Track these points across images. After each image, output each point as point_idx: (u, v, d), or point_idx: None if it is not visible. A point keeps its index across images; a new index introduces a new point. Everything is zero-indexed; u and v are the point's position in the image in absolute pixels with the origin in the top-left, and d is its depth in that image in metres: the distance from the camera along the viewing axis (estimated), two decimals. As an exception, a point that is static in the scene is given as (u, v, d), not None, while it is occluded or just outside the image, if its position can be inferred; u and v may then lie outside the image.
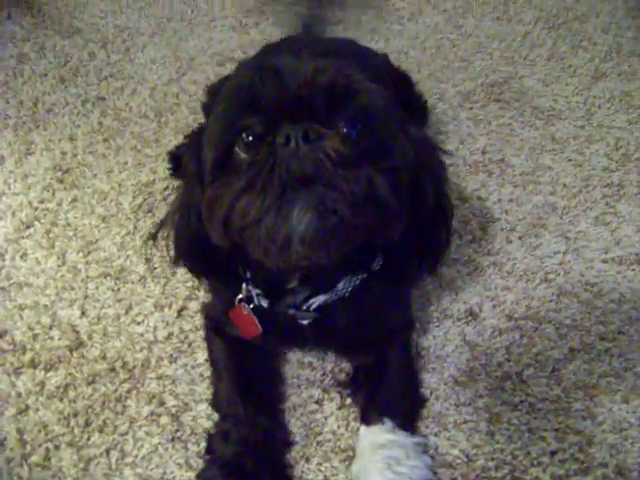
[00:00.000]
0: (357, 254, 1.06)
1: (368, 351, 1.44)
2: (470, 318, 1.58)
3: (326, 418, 1.43)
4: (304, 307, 1.21)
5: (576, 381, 1.47)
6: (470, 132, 2.05)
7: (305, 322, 1.24)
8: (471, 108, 2.14)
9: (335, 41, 1.87)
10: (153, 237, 1.19)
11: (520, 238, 1.75)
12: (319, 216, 0.84)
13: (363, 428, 1.36)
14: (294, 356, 1.52)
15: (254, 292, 1.22)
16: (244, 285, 1.23)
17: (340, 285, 1.18)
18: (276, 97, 0.91)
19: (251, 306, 1.24)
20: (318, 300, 1.20)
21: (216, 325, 1.44)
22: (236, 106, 0.94)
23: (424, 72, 2.29)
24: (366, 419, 1.36)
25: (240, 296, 1.25)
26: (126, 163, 1.95)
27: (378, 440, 1.31)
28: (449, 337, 1.55)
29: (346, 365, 1.49)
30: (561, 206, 1.83)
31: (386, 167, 0.93)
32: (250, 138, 0.92)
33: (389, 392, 1.39)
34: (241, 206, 0.88)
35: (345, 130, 0.93)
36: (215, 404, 1.41)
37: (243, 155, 0.93)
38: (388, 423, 1.32)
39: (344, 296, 1.20)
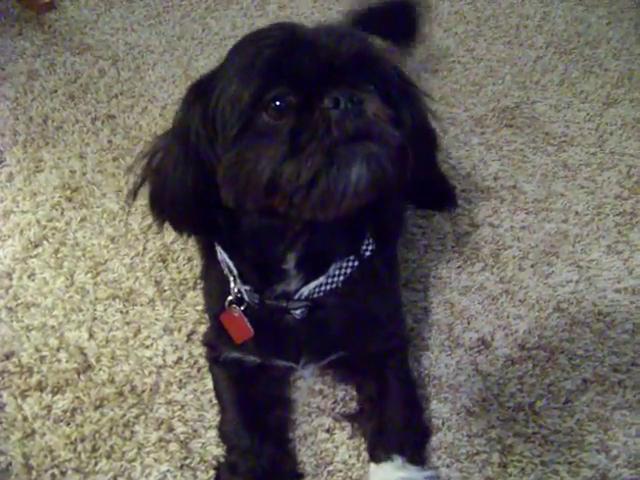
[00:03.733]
0: (349, 230, 1.15)
1: (365, 366, 1.43)
2: (482, 347, 1.56)
3: (337, 447, 1.40)
4: (296, 296, 1.19)
5: (589, 413, 1.45)
6: (482, 157, 2.04)
7: (298, 313, 1.22)
8: (483, 133, 2.13)
9: None
10: (133, 194, 1.16)
11: (532, 266, 1.74)
12: (371, 167, 0.91)
13: (373, 465, 1.34)
14: (304, 383, 1.50)
15: (243, 289, 1.21)
16: (232, 284, 1.22)
17: (332, 270, 1.18)
18: (310, 67, 0.94)
19: (242, 308, 1.23)
20: (310, 287, 1.18)
21: (216, 352, 1.42)
22: (264, 73, 0.95)
23: (435, 95, 2.28)
24: (374, 456, 1.35)
25: (230, 298, 1.23)
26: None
27: (389, 478, 1.30)
28: (461, 366, 1.53)
29: (355, 394, 1.47)
30: (573, 234, 1.82)
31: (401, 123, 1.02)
32: (279, 104, 0.94)
33: (394, 426, 1.37)
34: (292, 168, 0.90)
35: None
36: (222, 435, 1.39)
37: (272, 121, 0.94)
38: (397, 459, 1.31)
39: (336, 287, 1.20)
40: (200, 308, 1.60)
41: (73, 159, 2.05)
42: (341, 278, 1.20)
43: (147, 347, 1.57)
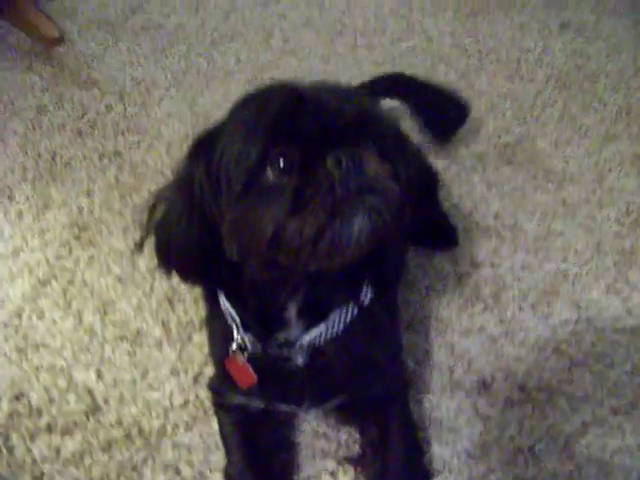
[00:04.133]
0: (348, 278, 1.18)
1: (367, 410, 1.47)
2: (482, 389, 1.60)
3: (340, 491, 1.43)
4: (297, 344, 1.22)
5: (589, 456, 1.48)
6: (483, 195, 2.07)
7: (300, 360, 1.25)
8: (484, 170, 2.17)
9: None
10: (140, 246, 1.19)
11: (532, 306, 1.77)
12: (372, 219, 0.96)
13: None
14: (308, 426, 1.53)
15: (246, 337, 1.24)
16: (235, 333, 1.25)
17: (332, 318, 1.21)
18: (313, 127, 0.98)
19: (245, 355, 1.26)
20: (311, 335, 1.22)
21: (221, 397, 1.46)
22: (268, 132, 0.98)
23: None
24: None
25: (233, 346, 1.27)
26: (142, 221, 1.97)
27: None
28: (462, 409, 1.57)
29: (359, 438, 1.50)
30: (572, 273, 1.85)
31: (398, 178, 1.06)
32: (283, 163, 0.97)
33: (396, 470, 1.40)
34: (296, 225, 0.94)
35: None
36: (227, 478, 1.42)
37: (276, 178, 0.97)
38: None
39: (337, 335, 1.23)
40: (206, 350, 1.62)
41: (81, 196, 2.08)
42: (341, 326, 1.23)
43: (154, 389, 1.60)
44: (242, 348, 1.26)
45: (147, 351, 1.67)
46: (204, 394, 1.57)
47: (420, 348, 1.68)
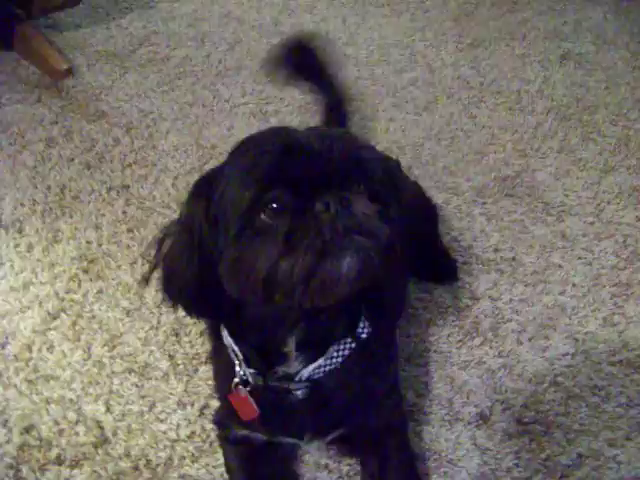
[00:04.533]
0: (345, 313, 1.24)
1: (367, 442, 1.50)
2: (481, 422, 1.63)
3: (342, 523, 1.46)
4: (297, 378, 1.26)
5: (585, 489, 1.51)
6: (483, 229, 2.11)
7: (300, 393, 1.29)
8: (484, 203, 2.21)
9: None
10: (146, 280, 1.25)
11: (530, 340, 1.81)
12: (361, 258, 1.00)
13: None
14: (311, 458, 1.57)
15: (248, 372, 1.28)
16: (237, 368, 1.30)
17: (331, 350, 1.25)
18: (304, 172, 1.03)
19: (248, 389, 1.30)
20: (309, 369, 1.25)
21: (225, 430, 1.50)
22: (262, 178, 1.03)
23: (439, 165, 2.37)
24: None
25: (236, 380, 1.31)
26: (150, 255, 2.01)
27: None
28: (460, 441, 1.60)
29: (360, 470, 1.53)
30: (570, 306, 1.89)
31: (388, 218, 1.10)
32: (276, 206, 1.02)
33: None
34: (287, 265, 0.99)
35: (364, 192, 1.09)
36: None
37: (269, 221, 1.03)
38: None
39: (335, 368, 1.27)
40: (212, 383, 1.66)
41: (89, 230, 2.12)
42: (339, 360, 1.27)
43: (161, 421, 1.64)
44: (244, 382, 1.30)
45: (154, 384, 1.71)
46: (210, 426, 1.61)
47: (420, 381, 1.72)
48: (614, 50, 3.04)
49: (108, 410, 1.66)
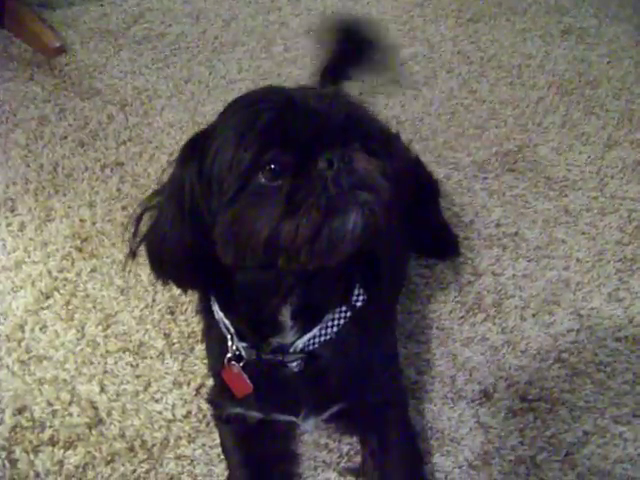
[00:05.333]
0: (340, 280, 1.20)
1: (366, 419, 1.46)
2: (484, 399, 1.59)
3: (342, 502, 1.43)
4: (291, 349, 1.23)
5: (590, 466, 1.48)
6: (484, 204, 2.07)
7: (295, 365, 1.25)
8: (485, 178, 2.17)
9: None
10: (132, 254, 1.20)
11: (534, 315, 1.77)
12: (365, 213, 0.98)
13: None
14: (310, 437, 1.53)
15: (240, 346, 1.25)
16: (229, 342, 1.26)
17: (326, 319, 1.22)
18: (302, 131, 1.00)
19: (241, 364, 1.27)
20: (304, 340, 1.22)
21: (219, 409, 1.46)
22: (261, 138, 1.00)
23: (439, 140, 2.33)
24: None
25: (229, 355, 1.27)
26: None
27: None
28: (463, 419, 1.57)
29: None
30: (574, 282, 1.85)
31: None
32: (275, 166, 0.99)
33: None
34: (291, 226, 0.96)
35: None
36: None
37: (268, 182, 0.99)
38: None
39: (330, 338, 1.23)
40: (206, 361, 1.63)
41: (83, 208, 2.08)
42: (334, 329, 1.23)
43: (157, 401, 1.60)
44: (237, 357, 1.27)
45: (149, 363, 1.68)
46: (206, 406, 1.57)
47: (422, 358, 1.68)
48: (617, 24, 2.99)
49: (102, 390, 1.63)
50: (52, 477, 1.48)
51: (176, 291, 1.79)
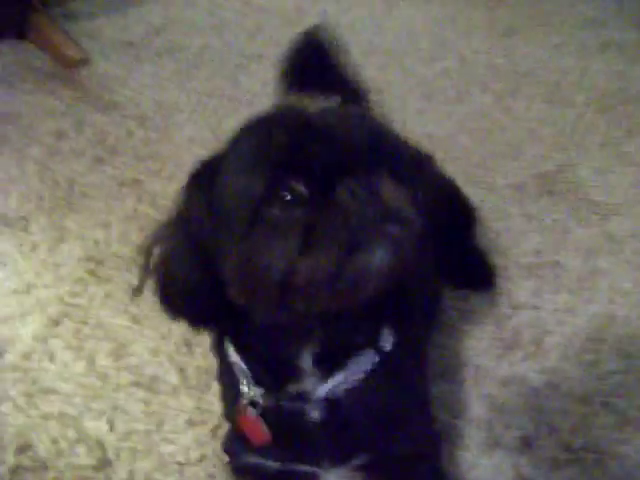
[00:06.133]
0: (366, 321, 1.08)
1: (395, 471, 1.34)
2: (524, 448, 1.47)
3: None
4: (313, 397, 1.11)
5: (644, 527, 1.35)
6: (522, 230, 1.96)
7: (316, 415, 1.14)
8: (522, 202, 2.05)
9: None
10: (140, 290, 1.11)
11: (577, 354, 1.64)
12: (392, 249, 0.87)
13: None
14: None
15: (257, 391, 1.13)
16: (245, 387, 1.15)
17: (351, 364, 1.10)
18: (321, 156, 0.89)
19: (257, 410, 1.15)
20: (328, 386, 1.11)
21: (235, 457, 1.35)
22: (275, 166, 0.90)
23: (473, 160, 2.22)
24: None
25: (244, 401, 1.15)
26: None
27: None
28: (502, 469, 1.44)
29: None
30: (621, 316, 1.73)
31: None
32: (292, 197, 0.89)
33: None
34: (310, 262, 0.86)
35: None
36: None
37: (284, 214, 0.89)
38: None
39: (356, 385, 1.12)
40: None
41: (97, 228, 2.00)
42: (361, 375, 1.12)
43: (169, 442, 1.50)
44: (254, 403, 1.15)
45: (163, 399, 1.57)
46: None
47: (455, 399, 1.56)
48: (658, 37, 2.86)
49: (111, 428, 1.52)
50: (54, 524, 1.37)
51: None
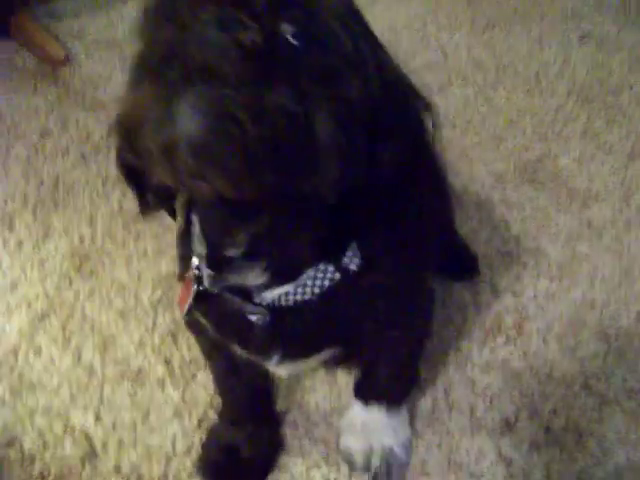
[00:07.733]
0: (316, 230, 0.93)
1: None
2: (506, 429, 1.48)
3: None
4: (257, 299, 1.02)
5: (623, 504, 1.36)
6: (503, 217, 1.97)
7: (254, 318, 1.03)
8: (504, 190, 2.06)
9: None
10: (144, 210, 1.00)
11: (558, 338, 1.66)
12: (213, 117, 0.62)
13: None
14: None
15: (203, 269, 1.02)
16: (194, 259, 1.04)
17: (304, 277, 0.99)
18: None
19: (200, 287, 1.04)
20: (274, 293, 1.01)
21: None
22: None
23: (455, 151, 2.22)
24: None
25: (190, 273, 1.05)
26: (146, 251, 1.89)
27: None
28: (484, 451, 1.46)
29: None
30: (600, 301, 1.75)
31: (332, 96, 0.73)
32: None
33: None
34: (133, 98, 0.70)
35: (286, 34, 0.70)
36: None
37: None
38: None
39: (311, 299, 1.01)
40: (211, 391, 1.53)
41: (83, 225, 2.00)
42: (316, 290, 1.01)
43: (156, 433, 1.51)
44: (199, 279, 1.04)
45: (149, 391, 1.58)
46: (208, 439, 1.47)
47: (438, 384, 1.58)
48: (637, 30, 2.87)
49: (98, 421, 1.54)
50: (42, 516, 1.38)
51: (178, 314, 1.69)
